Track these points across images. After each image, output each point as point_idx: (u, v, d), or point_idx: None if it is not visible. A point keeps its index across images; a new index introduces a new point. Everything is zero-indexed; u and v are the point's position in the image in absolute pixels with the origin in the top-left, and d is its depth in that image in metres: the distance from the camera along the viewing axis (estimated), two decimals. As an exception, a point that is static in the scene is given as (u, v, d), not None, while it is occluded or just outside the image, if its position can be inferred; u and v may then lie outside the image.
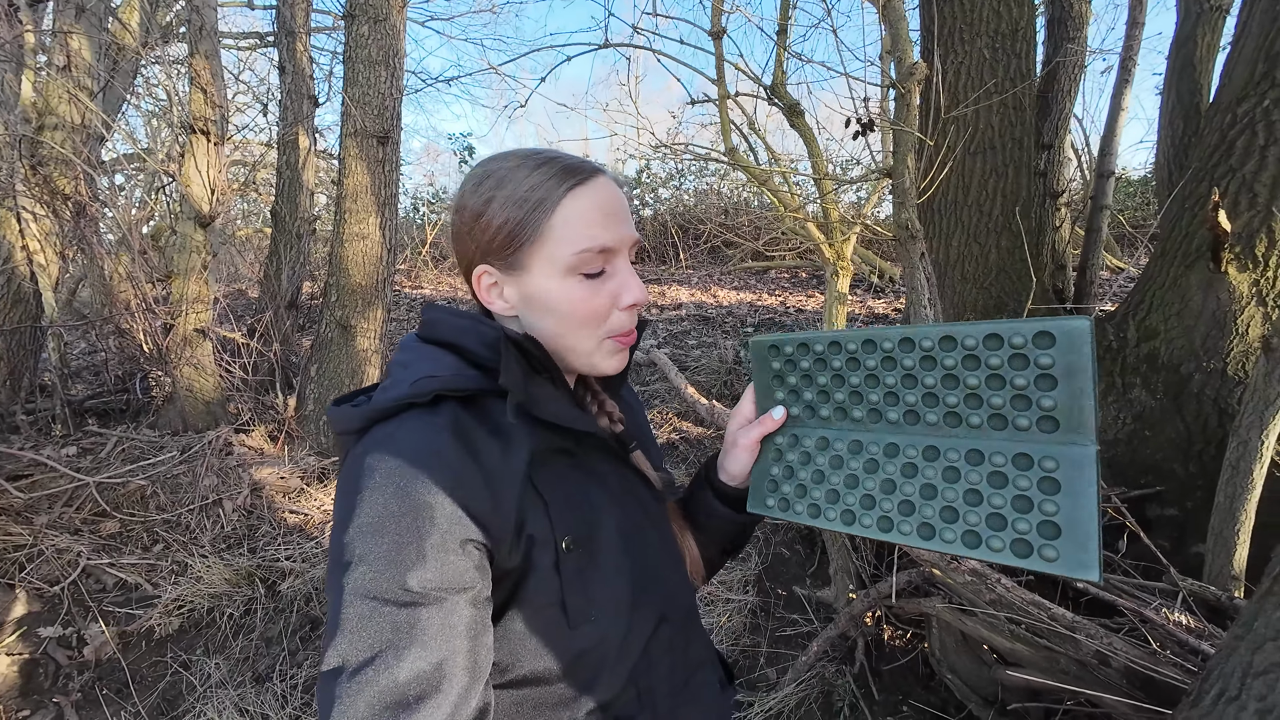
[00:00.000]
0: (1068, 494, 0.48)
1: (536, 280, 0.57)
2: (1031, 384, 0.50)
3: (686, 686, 0.63)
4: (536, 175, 0.56)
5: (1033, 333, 0.49)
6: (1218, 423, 1.96)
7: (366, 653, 0.44)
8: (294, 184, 3.98)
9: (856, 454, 0.61)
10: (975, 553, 0.52)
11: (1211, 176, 2.00)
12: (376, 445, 0.50)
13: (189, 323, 3.03)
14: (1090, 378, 0.48)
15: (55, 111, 3.36)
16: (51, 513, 2.39)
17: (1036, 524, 0.49)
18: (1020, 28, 2.65)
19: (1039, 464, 0.50)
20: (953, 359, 0.54)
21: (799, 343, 0.63)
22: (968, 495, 0.53)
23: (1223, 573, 1.41)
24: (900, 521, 0.56)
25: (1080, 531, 0.47)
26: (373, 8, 2.93)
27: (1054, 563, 0.48)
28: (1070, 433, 0.49)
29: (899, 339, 0.56)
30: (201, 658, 1.99)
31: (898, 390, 0.58)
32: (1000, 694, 1.65)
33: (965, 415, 0.54)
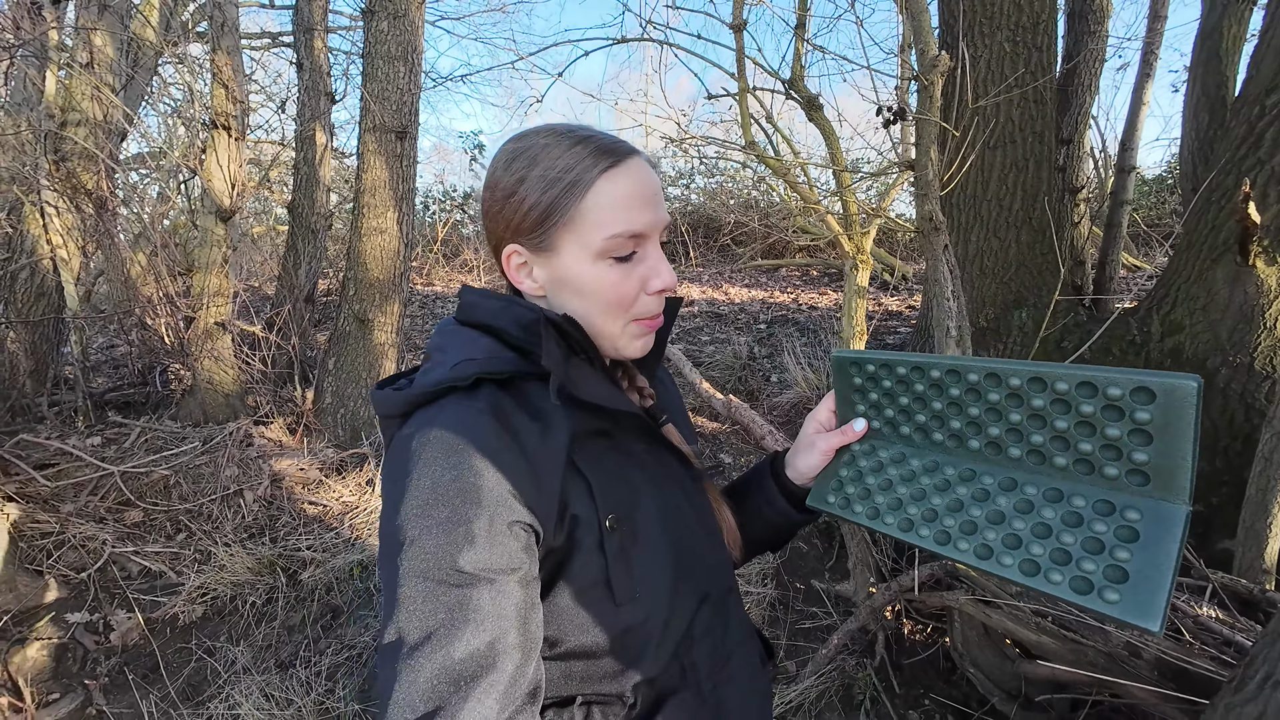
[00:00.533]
0: (1145, 546, 0.46)
1: (567, 262, 0.56)
2: (1125, 436, 0.47)
3: (729, 663, 0.63)
4: (570, 155, 0.55)
5: (1131, 387, 0.46)
6: (1244, 418, 1.94)
7: (422, 632, 0.45)
8: (311, 180, 4.02)
9: (931, 473, 0.61)
10: (1031, 581, 0.49)
11: (1239, 169, 1.97)
12: (420, 429, 0.51)
13: (209, 316, 3.07)
14: (1191, 440, 0.45)
15: (78, 107, 3.41)
16: (78, 501, 2.42)
17: (1104, 567, 0.46)
18: (1041, 21, 2.63)
19: (1121, 513, 0.48)
20: (1041, 400, 0.51)
21: (882, 362, 0.63)
22: (1036, 528, 0.51)
23: (1254, 566, 1.39)
24: (959, 539, 0.55)
25: (1150, 582, 0.44)
26: (392, 4, 2.94)
27: (1114, 605, 0.45)
28: (1162, 490, 0.47)
29: (984, 373, 0.55)
30: (225, 644, 2.02)
31: (981, 421, 0.57)
32: (1024, 688, 1.64)
33: (1050, 456, 0.53)
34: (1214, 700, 0.88)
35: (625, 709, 0.56)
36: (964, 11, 2.64)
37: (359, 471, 2.90)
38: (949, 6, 2.74)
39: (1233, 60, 2.67)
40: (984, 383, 0.55)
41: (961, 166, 2.07)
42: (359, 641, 2.04)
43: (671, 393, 0.78)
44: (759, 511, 0.76)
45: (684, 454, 0.67)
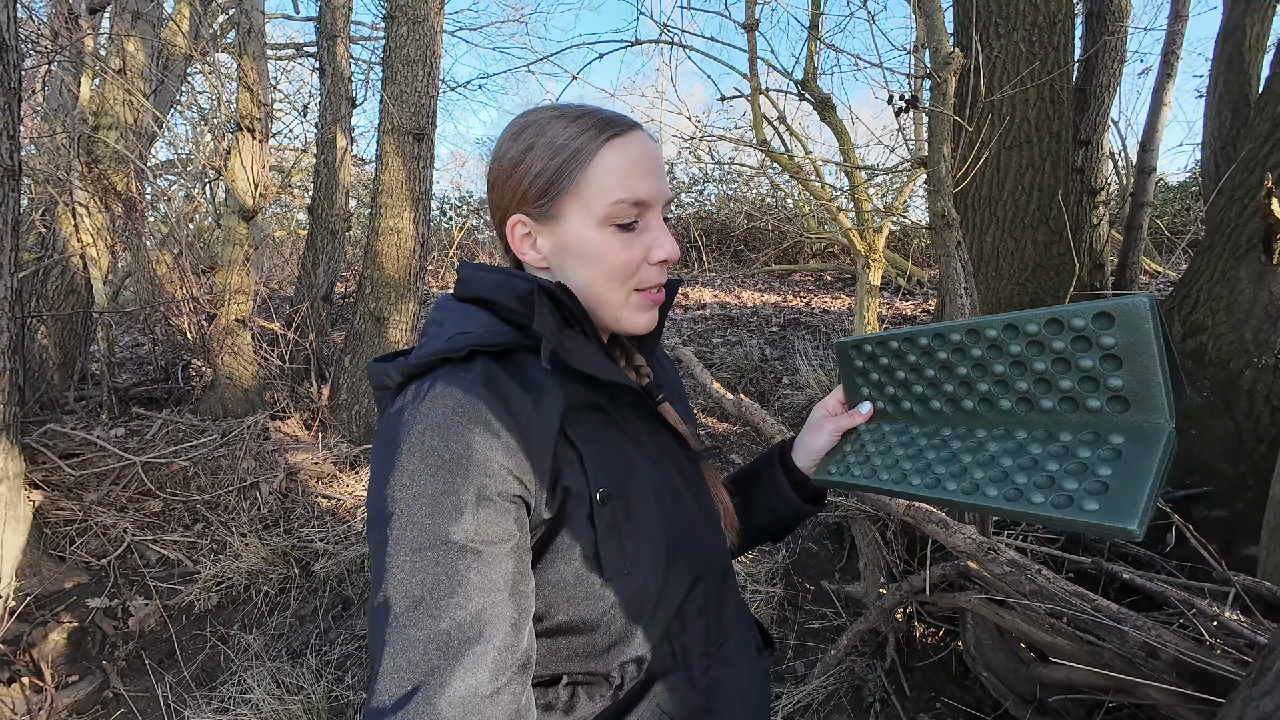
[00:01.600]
0: (1126, 462, 0.47)
1: (572, 229, 0.57)
2: (1097, 364, 0.49)
3: (722, 647, 0.62)
4: (575, 125, 0.56)
5: (1092, 314, 0.48)
6: (1270, 421, 1.89)
7: (410, 600, 0.45)
8: (331, 182, 4.11)
9: (931, 438, 0.63)
10: (1013, 505, 0.51)
11: (1263, 166, 1.94)
12: (412, 401, 0.51)
13: (230, 313, 3.14)
14: (1155, 355, 0.46)
15: (111, 111, 3.53)
16: (100, 490, 2.48)
17: (1084, 483, 0.48)
18: (1058, 20, 2.61)
19: (1106, 438, 0.49)
20: (1018, 346, 0.54)
21: (877, 340, 0.66)
22: (1023, 462, 0.53)
23: (1279, 568, 1.35)
24: (946, 481, 0.57)
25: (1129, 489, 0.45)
26: (411, 9, 3.01)
27: (1093, 513, 0.45)
28: (1142, 412, 0.48)
29: (965, 330, 0.58)
30: (239, 632, 2.05)
31: (970, 379, 0.59)
32: (1038, 691, 1.60)
33: (1037, 399, 0.55)
34: (1231, 695, 0.86)
35: (611, 689, 0.55)
36: (980, 11, 2.63)
37: (372, 467, 2.94)
38: (964, 6, 2.73)
39: (1255, 58, 2.62)
40: (966, 339, 0.58)
41: (976, 165, 2.05)
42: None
43: (670, 374, 0.78)
44: (765, 499, 0.76)
45: (681, 434, 0.67)
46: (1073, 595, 1.35)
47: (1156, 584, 1.40)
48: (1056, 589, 1.38)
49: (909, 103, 1.58)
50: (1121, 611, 1.29)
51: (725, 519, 0.72)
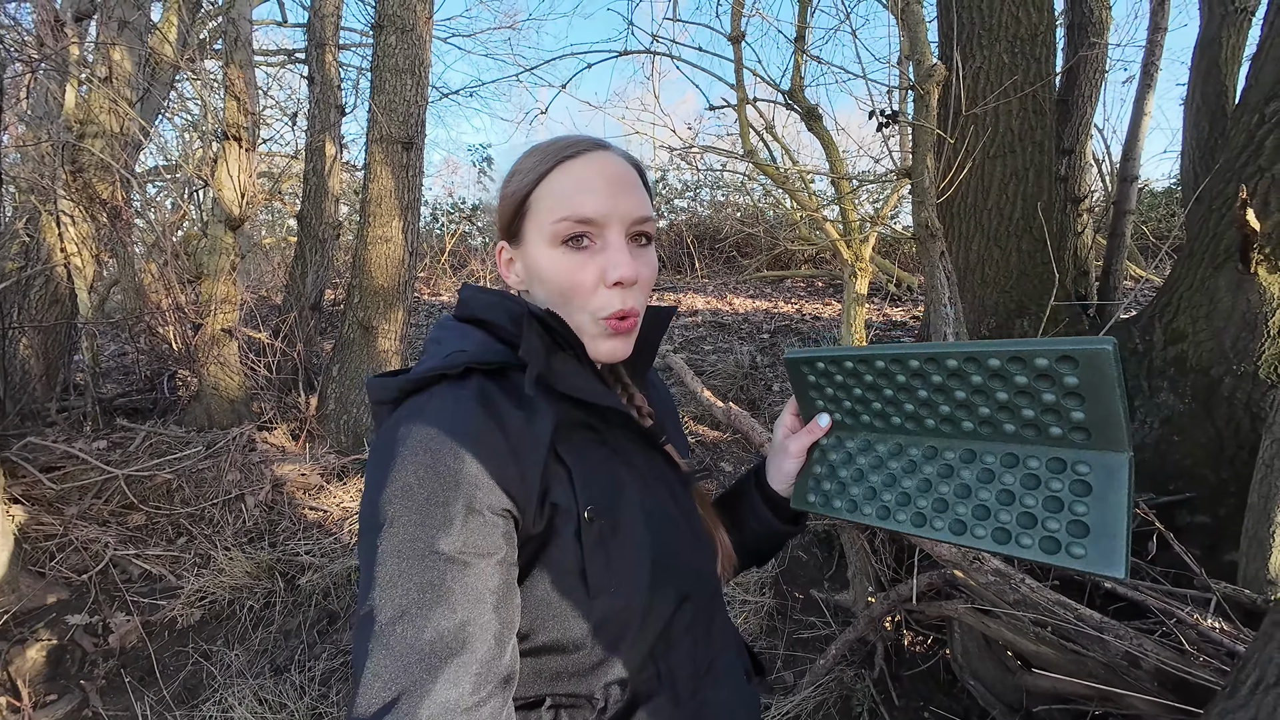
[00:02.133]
0: (1098, 497, 0.49)
1: (529, 250, 0.59)
2: (1059, 400, 0.51)
3: (710, 670, 0.62)
4: (540, 153, 0.60)
5: (1055, 356, 0.49)
6: (1250, 427, 1.91)
7: (395, 610, 0.45)
8: (320, 190, 4.09)
9: (896, 455, 0.63)
10: (1004, 548, 0.53)
11: (1240, 176, 1.97)
12: (408, 415, 0.52)
13: (216, 323, 3.11)
14: (1117, 396, 0.48)
15: (96, 120, 3.50)
16: (81, 504, 2.45)
17: (1066, 523, 0.50)
18: (1040, 32, 2.65)
19: (1072, 468, 0.51)
20: (979, 377, 0.54)
21: (829, 359, 0.64)
22: (1001, 495, 0.54)
23: (1258, 576, 1.36)
24: (934, 518, 0.58)
25: (1109, 532, 0.48)
26: (400, 18, 3.02)
27: (1081, 559, 0.48)
28: (1103, 442, 0.50)
29: (925, 358, 0.57)
30: (222, 648, 2.02)
31: (931, 402, 0.59)
32: (1025, 700, 1.61)
33: (1000, 423, 0.56)
34: (1208, 707, 0.86)
35: (595, 712, 0.55)
36: (962, 23, 2.67)
37: (360, 478, 2.91)
38: (947, 19, 2.77)
39: (1232, 70, 2.67)
40: (925, 367, 0.57)
41: (960, 175, 2.07)
42: (355, 647, 2.03)
43: (661, 394, 0.79)
44: (746, 522, 0.76)
45: (672, 456, 0.67)
46: (1056, 604, 1.36)
47: (1139, 592, 1.41)
48: (1040, 598, 1.39)
49: (890, 117, 1.60)
50: (1104, 621, 1.29)
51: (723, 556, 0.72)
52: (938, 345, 0.56)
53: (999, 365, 0.52)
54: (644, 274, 0.60)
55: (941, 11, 2.81)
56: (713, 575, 0.67)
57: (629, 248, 0.59)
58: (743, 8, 2.27)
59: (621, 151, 0.62)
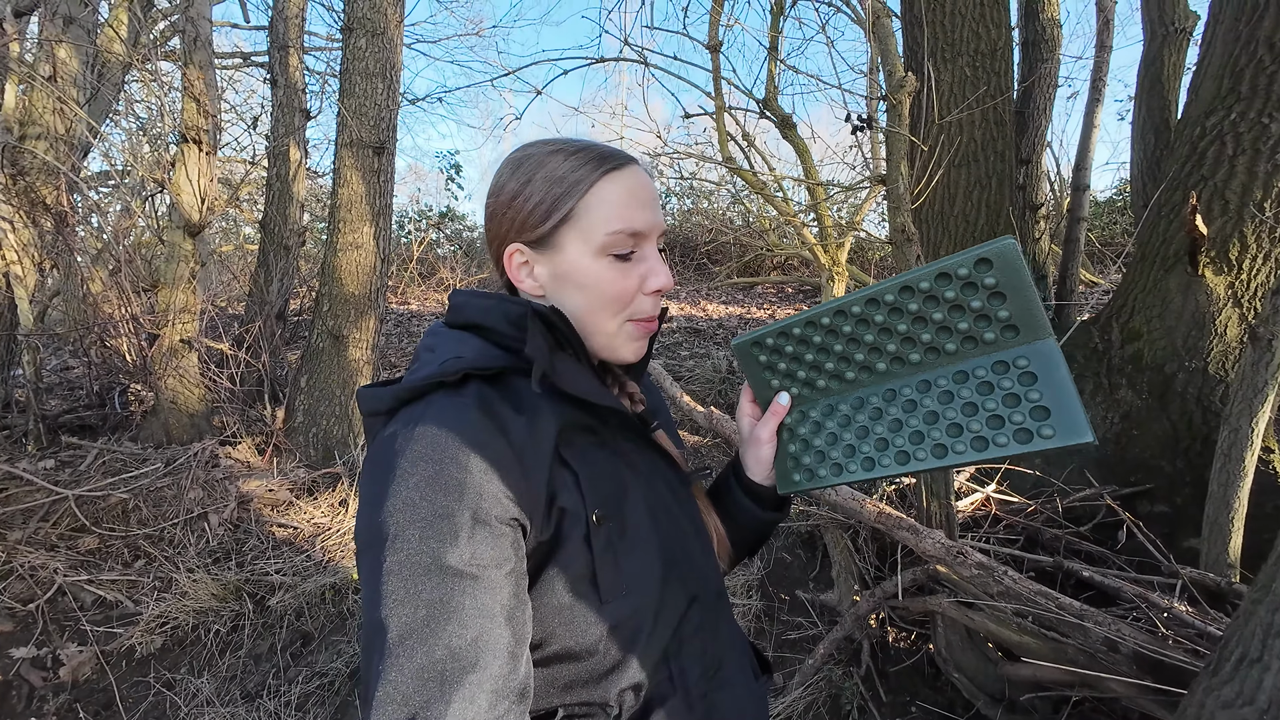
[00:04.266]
0: (1044, 381, 0.55)
1: (570, 258, 0.58)
2: (985, 302, 0.56)
3: (720, 670, 0.62)
4: (575, 159, 0.58)
5: (973, 261, 0.55)
6: (1202, 420, 2.03)
7: (404, 628, 0.44)
8: (284, 195, 3.96)
9: (860, 408, 0.65)
10: (987, 453, 0.57)
11: (1185, 185, 2.10)
12: (405, 426, 0.50)
13: (175, 333, 2.97)
14: (1029, 283, 0.54)
15: (39, 121, 3.30)
16: (26, 528, 2.29)
17: (1029, 411, 0.55)
18: (998, 48, 2.78)
19: (1014, 364, 0.57)
20: (915, 304, 0.59)
21: (778, 331, 0.66)
22: (965, 409, 0.59)
23: (1219, 560, 1.44)
24: (915, 450, 0.61)
25: (1066, 407, 0.54)
26: (370, 22, 2.96)
27: (1052, 438, 0.54)
28: (1030, 333, 0.56)
29: (864, 300, 0.61)
30: (187, 676, 1.91)
31: (878, 344, 0.62)
32: (1007, 690, 1.65)
33: (941, 345, 0.60)
34: (1192, 685, 0.90)
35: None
36: (926, 38, 2.78)
37: (331, 492, 2.81)
38: (912, 34, 2.88)
39: (1174, 86, 2.86)
40: (866, 309, 0.61)
41: (930, 182, 2.15)
42: (331, 669, 1.95)
43: (656, 397, 0.79)
44: (730, 516, 0.77)
45: (672, 456, 0.67)
46: (1037, 595, 1.41)
47: (1112, 579, 1.48)
48: (1022, 589, 1.43)
49: (864, 122, 1.65)
50: (1083, 609, 1.34)
51: (718, 544, 0.73)
52: (873, 286, 0.60)
53: (929, 286, 0.57)
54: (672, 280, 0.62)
55: (907, 27, 2.92)
56: (716, 573, 0.67)
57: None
58: (719, 17, 2.31)
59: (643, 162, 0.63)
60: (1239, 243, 2.00)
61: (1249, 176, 1.96)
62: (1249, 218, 1.96)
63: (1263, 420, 1.30)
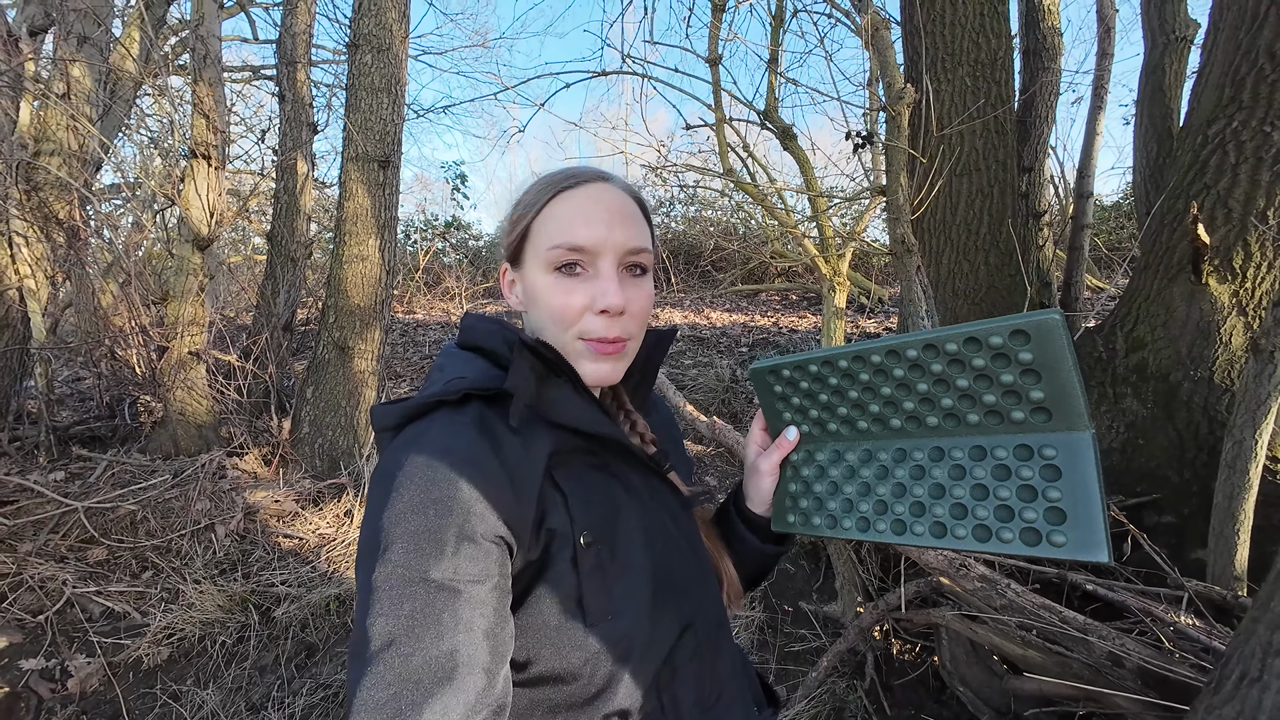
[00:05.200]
0: (1069, 480, 0.50)
1: (527, 273, 0.62)
2: (1017, 379, 0.51)
3: (718, 701, 0.61)
4: (542, 181, 0.63)
5: (1008, 332, 0.50)
6: (1208, 429, 2.01)
7: (386, 637, 0.45)
8: (291, 208, 4.01)
9: (867, 463, 0.63)
10: (987, 546, 0.53)
11: (1188, 194, 2.09)
12: (407, 442, 0.52)
13: (183, 345, 3.00)
14: (1070, 366, 0.49)
15: (53, 137, 3.37)
16: (37, 540, 2.31)
17: (1043, 511, 0.50)
18: (998, 57, 2.78)
19: (1039, 453, 0.52)
20: (939, 365, 0.55)
21: (795, 364, 0.65)
22: (974, 490, 0.54)
23: (1225, 573, 1.43)
24: (913, 523, 0.57)
25: (1085, 515, 0.48)
26: (376, 38, 3.00)
27: (1063, 547, 0.48)
28: (1063, 420, 0.51)
29: (885, 351, 0.57)
30: (193, 688, 1.92)
31: (895, 398, 0.59)
32: (1012, 704, 1.64)
33: (963, 414, 0.56)
34: (1194, 704, 0.89)
35: None
36: (926, 49, 2.79)
37: (336, 503, 2.82)
38: (912, 44, 2.89)
39: (1175, 94, 2.85)
40: (886, 361, 0.58)
41: (930, 193, 2.16)
42: (335, 680, 1.96)
43: (667, 421, 0.79)
44: (730, 545, 0.76)
45: (673, 481, 0.67)
46: (1041, 608, 1.40)
47: (1117, 592, 1.46)
48: (1025, 602, 1.43)
49: (864, 139, 1.66)
50: (1088, 622, 1.33)
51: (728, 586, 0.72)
52: (896, 337, 0.56)
53: (956, 349, 0.53)
54: (635, 303, 0.60)
55: (906, 37, 2.93)
56: (717, 602, 0.66)
57: (622, 277, 0.59)
58: (720, 31, 2.33)
59: (623, 183, 0.63)
60: (1243, 251, 1.99)
61: (1252, 185, 1.96)
62: (1252, 227, 1.95)
63: (1266, 432, 1.30)
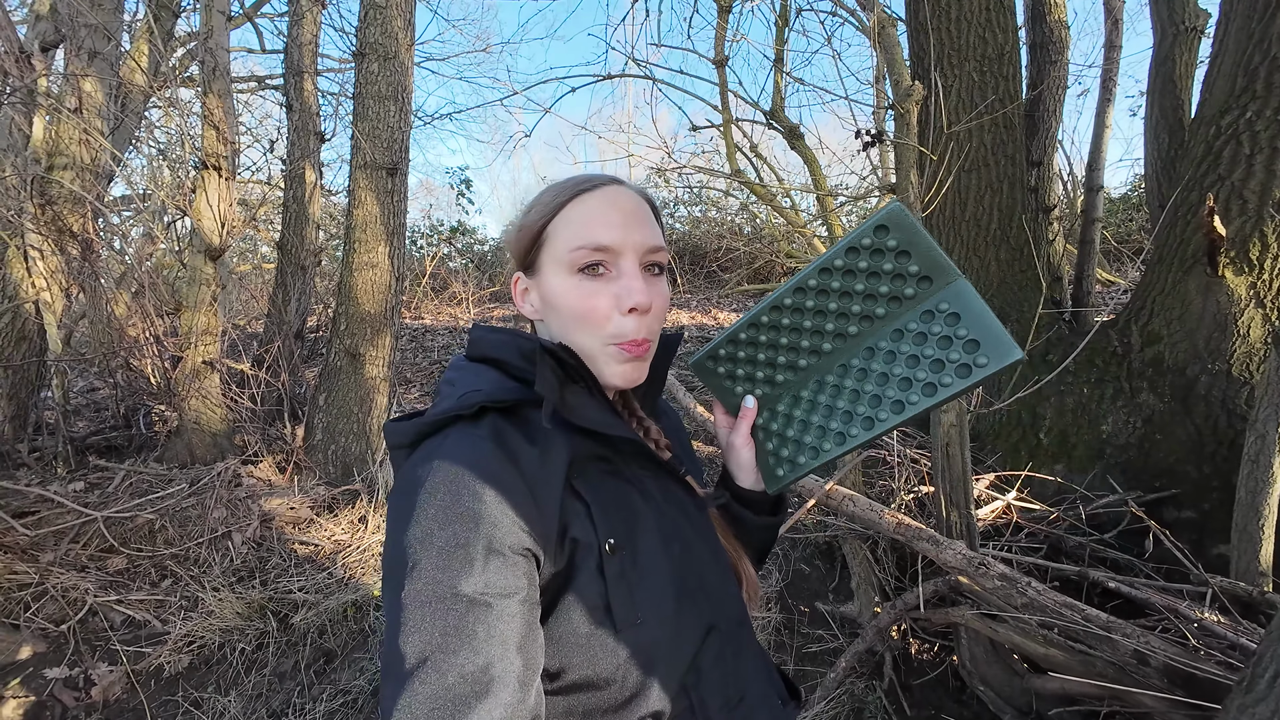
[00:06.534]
0: (967, 316, 0.59)
1: (546, 279, 0.61)
2: (895, 263, 0.60)
3: (743, 700, 0.61)
4: (555, 188, 0.62)
5: (871, 229, 0.59)
6: (1227, 423, 1.99)
7: (419, 654, 0.45)
8: (300, 217, 4.04)
9: (820, 390, 0.68)
10: (936, 397, 0.60)
11: (1201, 186, 2.07)
12: (425, 458, 0.53)
13: (197, 355, 3.03)
14: (927, 235, 0.59)
15: (65, 151, 3.41)
16: (58, 550, 2.34)
17: (961, 347, 0.59)
18: (1005, 52, 2.77)
19: (937, 310, 0.61)
20: (837, 281, 0.63)
21: (726, 340, 0.70)
22: (908, 361, 0.62)
23: (1250, 568, 1.41)
24: (877, 413, 0.64)
25: (991, 334, 0.58)
26: (382, 46, 3.03)
27: (987, 365, 0.58)
28: (941, 279, 0.60)
29: (792, 290, 0.65)
30: (214, 695, 1.94)
31: (817, 326, 0.66)
32: (1034, 704, 1.62)
33: (872, 312, 0.64)
34: (1225, 703, 0.88)
35: None
36: (933, 45, 2.78)
37: (351, 509, 2.84)
38: (918, 41, 2.88)
39: (1186, 85, 2.83)
40: (795, 298, 0.65)
41: (939, 189, 2.15)
42: (354, 686, 1.97)
43: (675, 426, 0.80)
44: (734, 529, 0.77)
45: (688, 483, 0.67)
46: (1063, 606, 1.39)
47: (1139, 589, 1.45)
48: (1047, 601, 1.41)
49: (874, 137, 1.66)
50: (1111, 620, 1.32)
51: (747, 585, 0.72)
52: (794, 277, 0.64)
53: (843, 262, 0.61)
54: (657, 302, 0.61)
55: (912, 34, 2.92)
56: (737, 601, 0.67)
57: (643, 276, 0.60)
58: (726, 32, 2.33)
59: (635, 186, 0.64)
60: (1259, 242, 1.97)
61: (1267, 175, 1.94)
62: (1269, 217, 1.93)
63: (1290, 426, 1.28)
